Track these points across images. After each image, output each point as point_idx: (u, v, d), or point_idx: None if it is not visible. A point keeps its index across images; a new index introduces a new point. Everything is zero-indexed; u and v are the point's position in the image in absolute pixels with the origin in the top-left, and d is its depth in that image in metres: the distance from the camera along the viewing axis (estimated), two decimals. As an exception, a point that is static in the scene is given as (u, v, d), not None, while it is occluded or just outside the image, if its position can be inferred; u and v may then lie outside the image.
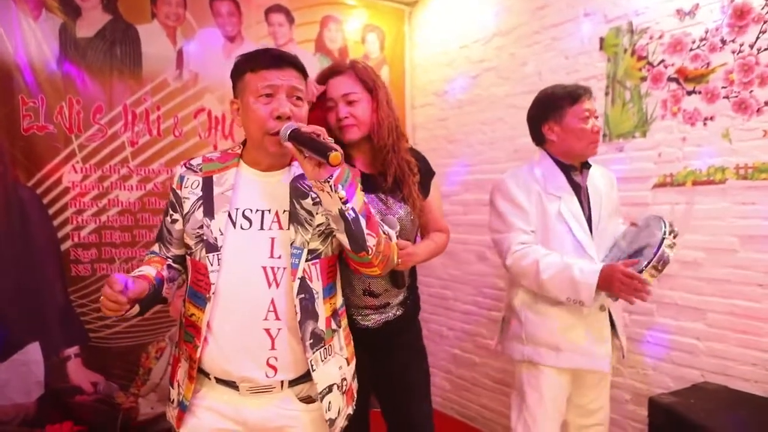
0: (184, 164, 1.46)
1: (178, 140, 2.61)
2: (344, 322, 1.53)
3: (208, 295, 1.35)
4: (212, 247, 1.35)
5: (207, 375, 1.40)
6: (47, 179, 2.37)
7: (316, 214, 1.40)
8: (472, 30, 3.09)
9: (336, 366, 1.45)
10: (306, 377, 1.41)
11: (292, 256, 1.36)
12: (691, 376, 2.15)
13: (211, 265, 1.35)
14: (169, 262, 1.49)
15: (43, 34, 2.30)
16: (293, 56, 1.40)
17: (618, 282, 1.70)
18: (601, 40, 2.43)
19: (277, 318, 1.36)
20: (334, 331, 1.46)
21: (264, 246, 1.37)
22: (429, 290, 3.39)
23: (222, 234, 1.35)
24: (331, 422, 1.43)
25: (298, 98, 1.38)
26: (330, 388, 1.43)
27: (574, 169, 1.96)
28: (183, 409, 1.41)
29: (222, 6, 2.78)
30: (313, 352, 1.38)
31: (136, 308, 1.32)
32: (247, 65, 1.38)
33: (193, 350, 1.38)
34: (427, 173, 1.88)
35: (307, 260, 1.38)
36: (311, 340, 1.38)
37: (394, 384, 1.84)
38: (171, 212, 1.45)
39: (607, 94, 2.41)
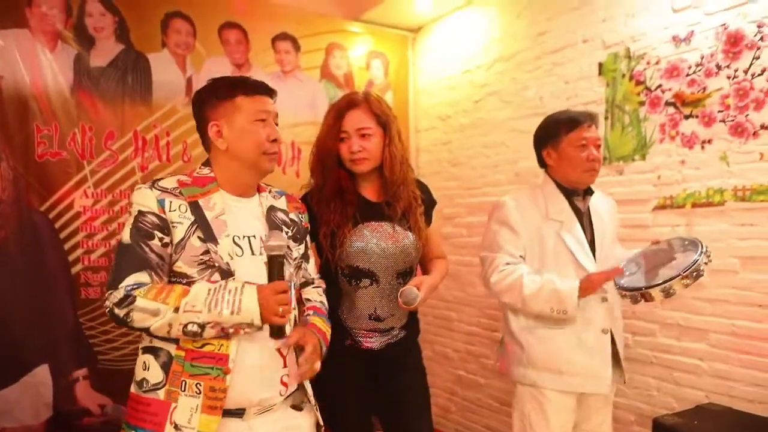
0: (154, 186, 1.39)
1: (186, 165, 2.66)
2: None
3: None
4: (227, 273, 1.36)
5: None
6: (59, 204, 2.42)
7: (292, 248, 1.52)
8: (475, 55, 3.16)
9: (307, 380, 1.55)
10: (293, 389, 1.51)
11: None
12: (695, 397, 2.15)
13: None
14: None
15: (59, 64, 2.36)
16: (271, 87, 1.53)
17: (596, 275, 1.78)
18: (600, 65, 2.49)
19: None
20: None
21: (261, 271, 1.39)
22: (433, 312, 3.41)
23: (232, 258, 1.38)
24: (321, 427, 1.55)
25: (277, 124, 1.50)
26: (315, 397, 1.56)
27: (576, 194, 1.97)
28: None
29: (230, 34, 2.86)
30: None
31: None
32: (240, 89, 1.45)
33: (217, 380, 1.34)
34: (430, 204, 1.94)
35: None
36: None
37: (396, 405, 1.86)
38: (161, 235, 1.35)
39: (606, 118, 2.46)
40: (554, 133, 1.94)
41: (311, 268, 1.69)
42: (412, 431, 1.86)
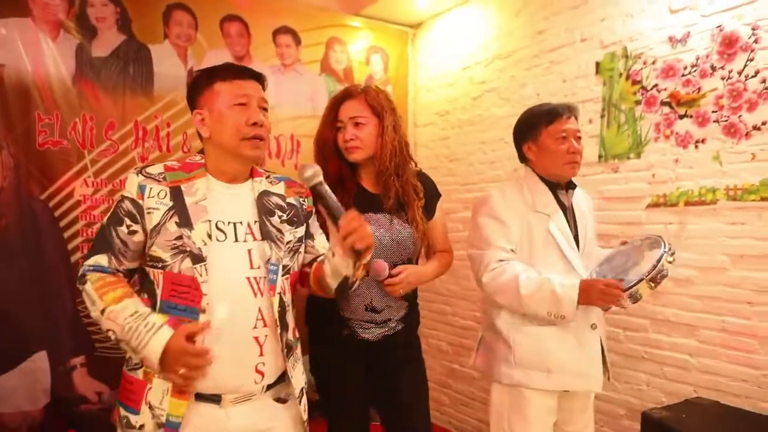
0: (140, 172, 1.41)
1: (186, 156, 2.67)
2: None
3: (201, 307, 1.35)
4: (198, 258, 1.36)
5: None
6: (59, 192, 2.44)
7: (285, 232, 1.48)
8: (474, 52, 3.19)
9: (301, 371, 1.54)
10: (279, 380, 1.48)
11: (270, 272, 1.41)
12: (683, 391, 2.19)
13: (201, 276, 1.35)
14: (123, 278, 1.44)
15: (61, 53, 2.37)
16: (257, 71, 1.49)
17: (597, 292, 1.69)
18: (597, 64, 2.52)
19: (265, 325, 1.42)
20: (297, 339, 1.54)
21: (243, 258, 1.41)
22: (429, 305, 3.44)
23: (205, 244, 1.37)
24: (307, 422, 1.52)
25: (265, 109, 1.46)
26: (302, 392, 1.52)
27: (560, 188, 1.94)
28: (174, 427, 1.34)
29: (231, 26, 2.87)
30: (288, 360, 1.47)
31: None
32: (217, 75, 1.44)
33: None
34: (433, 196, 1.95)
35: (282, 275, 1.45)
36: (286, 350, 1.46)
37: (394, 397, 1.88)
38: (129, 222, 1.39)
39: (602, 116, 2.49)
40: (534, 125, 1.91)
41: (320, 244, 1.62)
42: (408, 425, 1.88)
